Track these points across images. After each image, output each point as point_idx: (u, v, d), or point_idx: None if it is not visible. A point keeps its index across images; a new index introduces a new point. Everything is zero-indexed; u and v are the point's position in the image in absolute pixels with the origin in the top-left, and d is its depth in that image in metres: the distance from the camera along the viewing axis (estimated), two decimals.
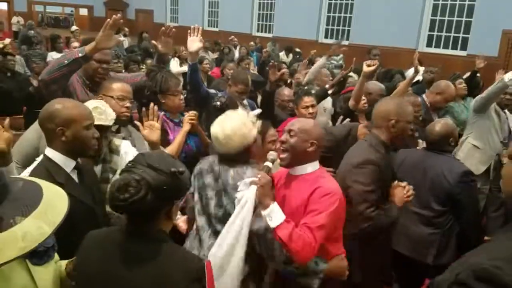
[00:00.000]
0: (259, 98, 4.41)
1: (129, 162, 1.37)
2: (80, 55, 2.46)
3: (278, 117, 3.73)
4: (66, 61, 2.46)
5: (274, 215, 1.84)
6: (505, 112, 4.48)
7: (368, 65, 3.47)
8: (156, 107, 2.41)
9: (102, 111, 2.09)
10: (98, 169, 2.18)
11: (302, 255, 1.82)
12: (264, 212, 1.86)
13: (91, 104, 2.08)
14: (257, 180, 1.89)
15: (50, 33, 9.61)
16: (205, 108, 3.31)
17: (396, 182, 2.42)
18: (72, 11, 24.10)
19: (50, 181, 1.51)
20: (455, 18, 9.84)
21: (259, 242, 1.94)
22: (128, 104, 2.43)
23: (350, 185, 2.27)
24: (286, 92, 4.09)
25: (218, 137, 2.07)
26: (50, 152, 1.78)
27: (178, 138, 2.76)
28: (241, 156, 2.08)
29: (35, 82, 5.16)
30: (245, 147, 2.07)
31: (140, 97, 2.95)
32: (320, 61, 5.17)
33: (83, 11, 23.74)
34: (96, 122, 1.93)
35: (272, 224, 1.83)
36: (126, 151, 2.26)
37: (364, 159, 2.31)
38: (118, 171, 2.20)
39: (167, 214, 1.36)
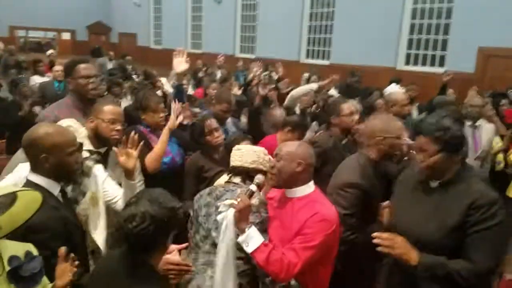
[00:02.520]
0: (242, 117, 4.46)
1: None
2: None
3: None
4: None
5: (250, 240, 1.87)
6: (475, 126, 4.42)
7: None
8: (136, 136, 2.30)
9: (74, 129, 2.11)
10: (68, 189, 2.17)
11: (281, 277, 1.88)
12: (239, 239, 1.89)
13: (64, 123, 2.10)
14: (235, 204, 1.90)
15: (32, 58, 9.68)
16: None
17: (386, 202, 2.29)
18: (54, 35, 24.05)
19: (44, 207, 1.59)
20: (432, 36, 10.12)
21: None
22: (118, 127, 2.41)
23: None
24: (278, 113, 4.11)
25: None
26: (34, 177, 1.77)
27: (162, 137, 2.82)
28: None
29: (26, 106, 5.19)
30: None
31: None
32: (312, 85, 5.00)
33: (66, 36, 23.70)
34: None
35: (249, 249, 1.87)
36: (97, 174, 2.28)
37: (348, 182, 2.35)
38: (88, 194, 2.21)
39: (164, 245, 1.55)
